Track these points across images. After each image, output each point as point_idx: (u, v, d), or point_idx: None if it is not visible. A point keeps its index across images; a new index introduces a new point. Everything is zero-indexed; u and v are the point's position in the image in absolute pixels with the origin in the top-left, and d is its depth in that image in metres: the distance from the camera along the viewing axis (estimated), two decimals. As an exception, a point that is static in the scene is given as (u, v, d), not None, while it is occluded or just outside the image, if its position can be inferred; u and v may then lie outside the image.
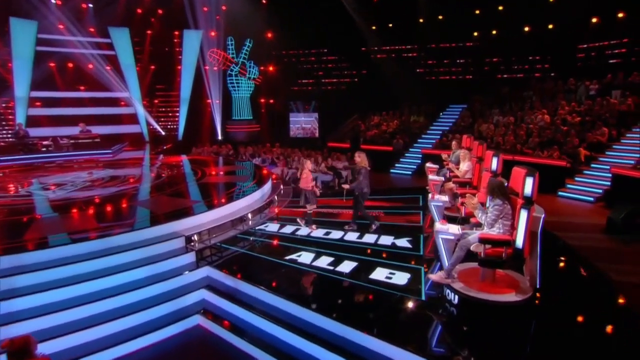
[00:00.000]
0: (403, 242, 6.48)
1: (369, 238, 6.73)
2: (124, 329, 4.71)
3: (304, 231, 7.14)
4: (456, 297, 4.38)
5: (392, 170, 15.23)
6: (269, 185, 9.60)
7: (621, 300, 4.72)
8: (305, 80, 21.92)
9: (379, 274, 5.30)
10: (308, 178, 7.12)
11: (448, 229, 4.72)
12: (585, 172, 10.85)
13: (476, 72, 18.16)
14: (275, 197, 8.92)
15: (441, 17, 17.60)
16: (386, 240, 6.62)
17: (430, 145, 15.49)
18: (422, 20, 17.98)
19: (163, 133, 20.99)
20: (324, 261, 5.78)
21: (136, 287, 5.13)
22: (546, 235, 4.44)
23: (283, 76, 21.45)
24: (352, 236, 6.85)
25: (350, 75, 21.21)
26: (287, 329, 4.47)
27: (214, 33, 20.07)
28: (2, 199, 8.28)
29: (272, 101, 22.02)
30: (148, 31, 19.70)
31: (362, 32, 18.84)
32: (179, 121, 20.83)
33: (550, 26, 15.67)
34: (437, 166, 8.15)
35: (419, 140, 16.17)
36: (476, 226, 4.90)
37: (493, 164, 5.44)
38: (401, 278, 5.18)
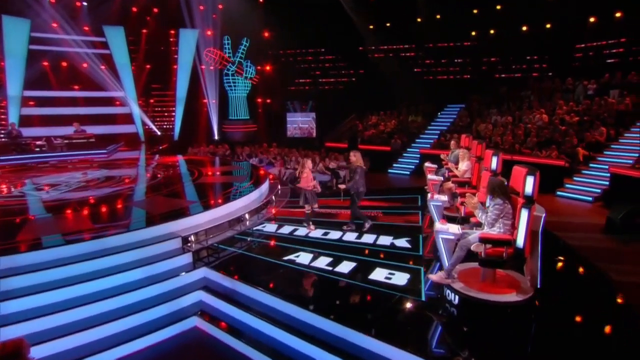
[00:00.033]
0: (402, 242, 6.44)
1: (368, 238, 6.68)
2: (120, 331, 4.63)
3: (302, 231, 7.08)
4: (456, 298, 4.34)
5: (390, 170, 15.21)
6: (267, 185, 9.54)
7: (621, 300, 4.70)
8: (302, 79, 21.87)
9: (378, 275, 5.26)
10: (308, 178, 7.06)
11: (448, 229, 4.67)
12: (583, 172, 10.86)
13: (474, 72, 18.18)
14: (272, 198, 8.86)
15: (439, 17, 17.63)
16: (385, 240, 6.57)
17: (428, 145, 15.48)
18: (420, 19, 17.99)
19: (159, 133, 20.89)
20: (323, 262, 5.73)
21: (132, 289, 5.05)
22: (546, 235, 4.41)
23: (280, 76, 21.39)
24: (351, 236, 6.80)
25: (347, 74, 21.18)
26: (286, 330, 4.41)
27: (210, 32, 20.00)
28: (-5, 200, 8.15)
29: (269, 101, 21.95)
30: (143, 30, 19.61)
31: (360, 32, 18.83)
32: (175, 121, 20.74)
33: (548, 26, 15.72)
34: (436, 166, 8.13)
35: (417, 140, 16.16)
36: (476, 226, 4.87)
37: (493, 163, 5.41)
38: (401, 278, 5.14)
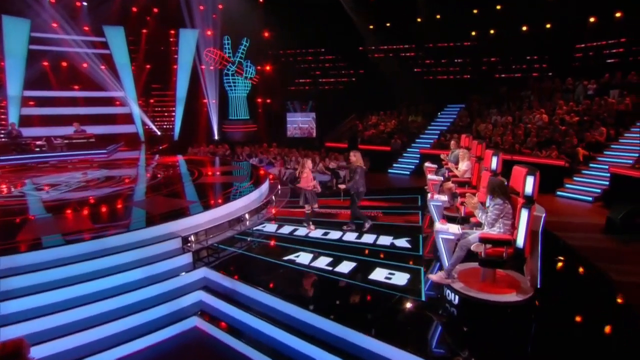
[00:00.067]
0: (402, 242, 6.43)
1: (368, 238, 6.68)
2: (120, 331, 4.62)
3: (302, 231, 7.07)
4: (456, 298, 4.34)
5: (390, 170, 15.20)
6: (267, 185, 9.54)
7: (621, 300, 4.70)
8: (302, 79, 21.86)
9: (378, 275, 5.25)
10: (308, 178, 7.05)
11: (448, 229, 4.67)
12: (583, 172, 10.85)
13: (474, 72, 18.17)
14: (272, 197, 8.85)
15: (439, 17, 17.62)
16: (385, 240, 6.56)
17: (428, 145, 15.47)
18: (420, 19, 17.99)
19: (159, 133, 20.87)
20: (323, 262, 5.73)
21: (132, 289, 5.04)
22: (546, 235, 4.41)
23: (280, 76, 21.38)
24: (351, 236, 6.79)
25: (347, 74, 21.17)
26: (286, 330, 4.40)
27: (210, 32, 20.00)
28: (-5, 200, 8.15)
29: (269, 101, 21.95)
30: (143, 30, 19.59)
31: (360, 32, 18.82)
32: (175, 121, 20.74)
33: (548, 26, 15.71)
34: (436, 166, 8.13)
35: (417, 140, 16.15)
36: (476, 226, 4.86)
37: (493, 163, 5.41)
38: (401, 278, 5.13)
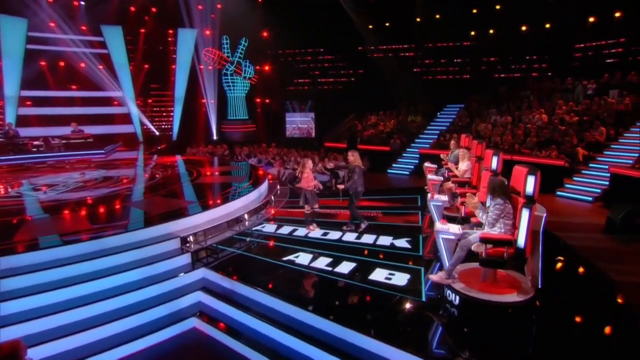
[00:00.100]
0: (402, 243, 6.41)
1: (368, 238, 6.65)
2: (118, 332, 4.59)
3: (302, 232, 7.04)
4: (457, 298, 4.32)
5: (390, 170, 15.18)
6: (265, 185, 9.51)
7: (622, 300, 4.69)
8: (301, 79, 21.83)
9: (378, 275, 5.23)
10: (309, 178, 7.02)
11: (448, 229, 4.64)
12: (583, 172, 10.85)
13: (473, 72, 18.16)
14: (272, 198, 8.82)
15: (438, 17, 17.62)
16: (385, 240, 6.54)
17: (427, 145, 15.45)
18: (420, 19, 17.98)
19: (157, 133, 20.82)
20: (322, 262, 5.70)
21: (130, 290, 5.01)
22: (546, 235, 4.39)
23: (279, 75, 21.36)
24: (351, 237, 6.77)
25: (347, 74, 21.15)
26: (285, 331, 4.38)
27: (209, 32, 19.95)
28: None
29: (268, 101, 21.92)
30: (142, 29, 19.53)
31: (359, 31, 18.79)
32: (174, 121, 20.69)
33: (547, 25, 15.72)
34: (436, 166, 8.11)
35: (417, 140, 16.14)
36: (477, 226, 4.84)
37: (493, 163, 5.39)
38: (401, 279, 5.11)
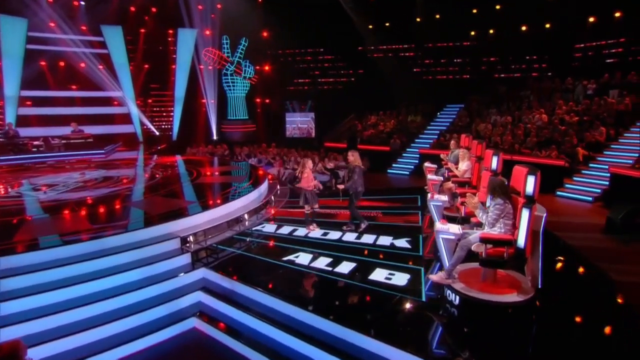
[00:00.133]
0: (402, 243, 6.41)
1: (368, 238, 6.65)
2: (118, 332, 4.59)
3: (302, 232, 7.04)
4: (457, 298, 4.32)
5: (390, 170, 15.18)
6: (265, 185, 9.50)
7: (622, 300, 4.69)
8: (301, 79, 21.82)
9: (378, 275, 5.23)
10: (309, 178, 7.02)
11: (449, 229, 4.64)
12: (583, 172, 10.85)
13: (473, 72, 18.16)
14: (272, 198, 8.82)
15: (438, 16, 17.62)
16: (385, 240, 6.54)
17: (427, 145, 15.44)
18: (420, 19, 17.97)
19: (157, 133, 20.80)
20: (322, 262, 5.70)
21: (130, 290, 5.01)
22: (546, 235, 4.39)
23: (279, 75, 21.35)
24: (351, 237, 6.77)
25: (347, 74, 21.15)
26: (285, 331, 4.38)
27: (209, 32, 19.94)
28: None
29: (268, 101, 21.92)
30: (142, 29, 19.51)
31: (359, 31, 18.79)
32: (174, 121, 20.68)
33: (547, 25, 15.71)
34: (436, 166, 8.11)
35: (416, 140, 16.13)
36: (477, 226, 4.84)
37: (493, 163, 5.38)
38: (401, 279, 5.11)
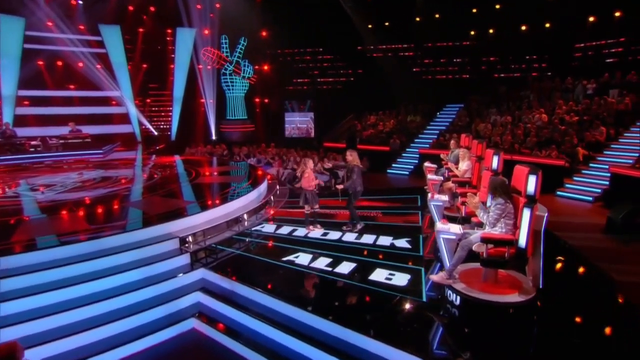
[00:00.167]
0: (402, 243, 6.38)
1: (368, 239, 6.63)
2: (117, 333, 4.55)
3: (301, 232, 7.01)
4: (458, 298, 4.29)
5: (389, 170, 15.17)
6: (265, 185, 9.47)
7: (622, 299, 4.68)
8: (300, 79, 21.81)
9: (379, 275, 5.20)
10: (310, 178, 6.99)
11: (449, 229, 4.61)
12: (583, 172, 10.84)
13: (473, 72, 18.18)
14: (271, 198, 8.79)
15: (438, 16, 17.62)
16: (385, 240, 6.51)
17: (427, 145, 15.44)
18: (419, 19, 17.98)
19: (156, 133, 20.78)
20: (322, 262, 5.67)
21: (129, 290, 4.98)
22: (546, 235, 4.36)
23: (278, 75, 21.34)
24: (351, 237, 6.74)
25: (346, 74, 21.15)
26: (285, 332, 4.36)
27: (208, 31, 19.91)
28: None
29: (267, 101, 21.90)
30: (140, 29, 19.49)
31: (359, 31, 18.79)
32: (172, 121, 20.65)
33: (547, 25, 15.74)
34: (436, 166, 8.08)
35: (416, 140, 16.13)
36: (477, 226, 4.81)
37: (494, 163, 5.35)
38: (401, 279, 5.09)
